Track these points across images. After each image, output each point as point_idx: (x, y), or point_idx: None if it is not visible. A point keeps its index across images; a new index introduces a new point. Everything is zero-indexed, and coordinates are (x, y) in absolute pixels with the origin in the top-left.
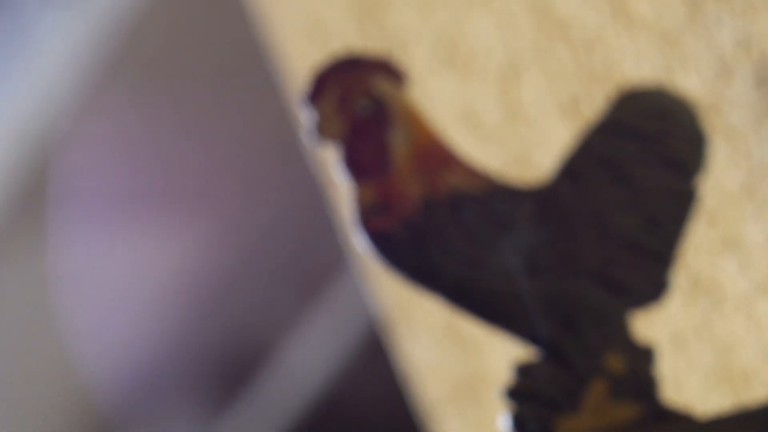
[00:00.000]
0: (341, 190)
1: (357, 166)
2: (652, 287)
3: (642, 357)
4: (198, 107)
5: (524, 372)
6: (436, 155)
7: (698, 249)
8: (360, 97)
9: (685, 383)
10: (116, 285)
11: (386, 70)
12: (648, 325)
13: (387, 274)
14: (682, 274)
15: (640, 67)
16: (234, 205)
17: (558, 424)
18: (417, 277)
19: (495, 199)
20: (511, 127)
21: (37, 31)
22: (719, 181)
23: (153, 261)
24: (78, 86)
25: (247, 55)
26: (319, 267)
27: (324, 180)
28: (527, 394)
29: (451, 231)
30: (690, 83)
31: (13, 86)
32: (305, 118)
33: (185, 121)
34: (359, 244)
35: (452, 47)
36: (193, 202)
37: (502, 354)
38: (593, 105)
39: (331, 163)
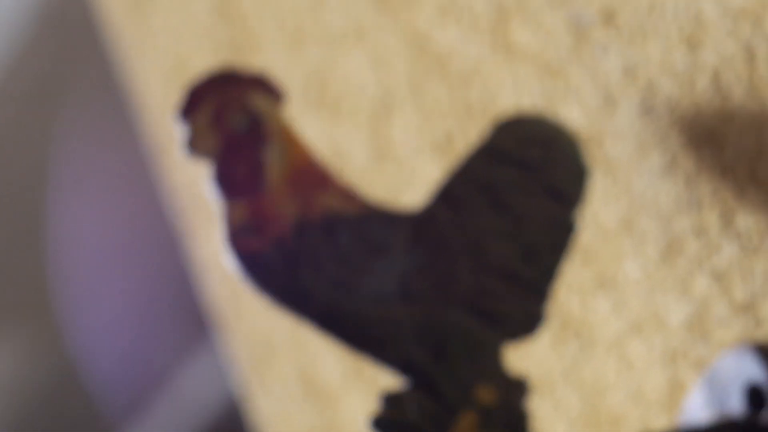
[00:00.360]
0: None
1: (230, 183)
2: (526, 319)
3: (514, 389)
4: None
5: (392, 401)
6: (311, 175)
7: (570, 288)
8: (235, 112)
9: (552, 428)
10: None
11: (263, 86)
12: (516, 365)
13: (238, 331)
14: (553, 314)
15: (519, 99)
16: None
17: None
18: (287, 300)
19: (370, 222)
20: (380, 167)
21: None
22: (597, 216)
23: None
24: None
25: (108, 99)
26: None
27: (182, 230)
28: (394, 424)
29: (324, 253)
30: (573, 114)
31: None
32: (179, 132)
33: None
34: (229, 264)
35: (322, 86)
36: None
37: (357, 406)
38: (467, 141)
39: (204, 181)
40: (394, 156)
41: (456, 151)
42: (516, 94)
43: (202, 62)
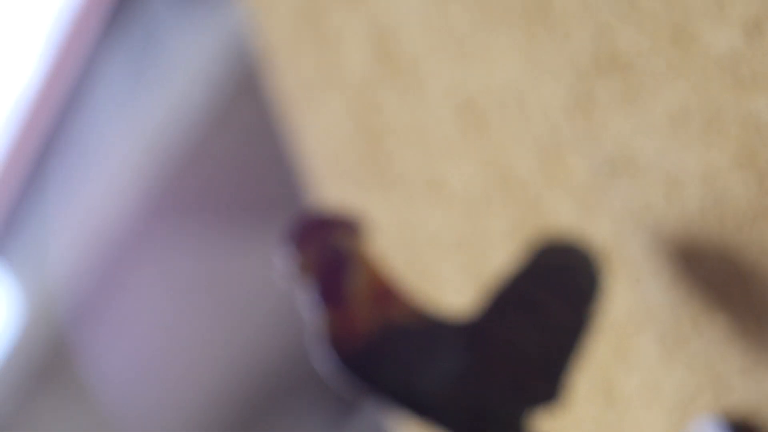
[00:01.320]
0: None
1: (324, 298)
2: (550, 394)
3: None
4: None
5: None
6: (385, 293)
7: (600, 365)
8: (330, 248)
9: None
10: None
11: (351, 226)
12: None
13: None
14: (585, 381)
15: (561, 218)
16: None
17: None
18: (368, 388)
19: (430, 332)
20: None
21: (170, 46)
22: (617, 311)
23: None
24: (208, 101)
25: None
26: None
27: None
28: None
29: (395, 356)
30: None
31: (145, 100)
32: (288, 261)
33: None
34: (323, 360)
35: (438, 184)
36: None
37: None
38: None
39: (305, 296)
40: (487, 242)
41: None
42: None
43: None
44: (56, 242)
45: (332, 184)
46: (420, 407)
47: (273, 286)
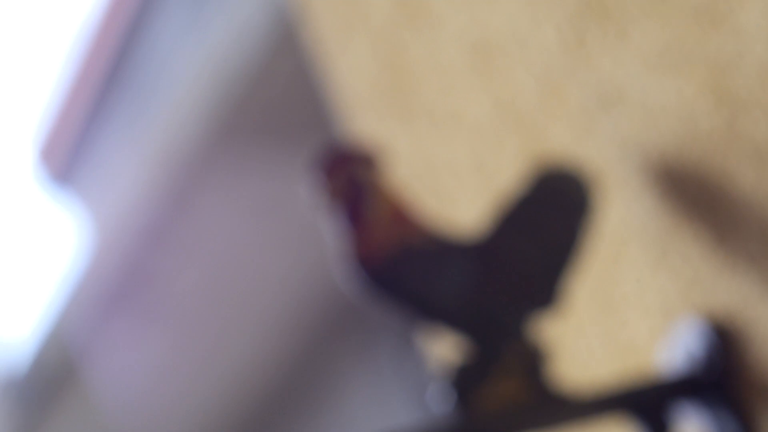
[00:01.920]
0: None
1: (349, 222)
2: (549, 296)
3: (538, 348)
4: None
5: (454, 364)
6: (403, 218)
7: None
8: (355, 177)
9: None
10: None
11: (369, 159)
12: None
13: None
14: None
15: (560, 144)
16: None
17: (473, 399)
18: (388, 298)
19: (443, 252)
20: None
21: None
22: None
23: None
24: (272, 25)
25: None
26: None
27: None
28: (454, 378)
29: (414, 272)
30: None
31: (210, 21)
32: (317, 188)
33: None
34: (347, 277)
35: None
36: None
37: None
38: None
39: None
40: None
41: None
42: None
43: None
44: (123, 169)
45: (361, 117)
46: (436, 316)
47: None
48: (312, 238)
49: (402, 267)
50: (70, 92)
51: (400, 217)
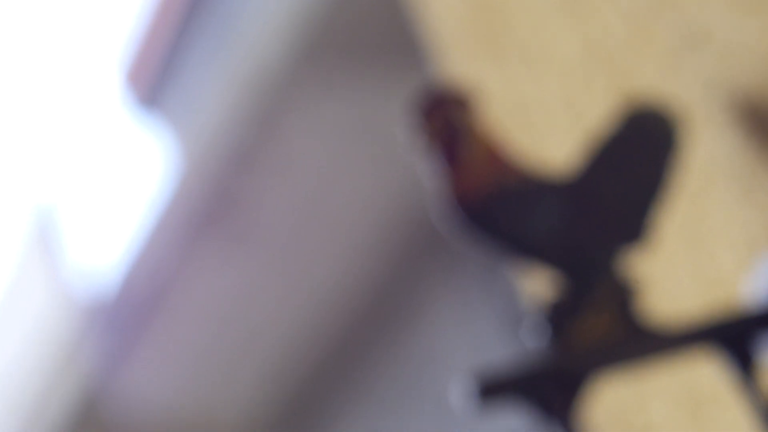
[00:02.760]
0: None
1: (446, 163)
2: (638, 231)
3: (628, 282)
4: None
5: (549, 299)
6: (498, 159)
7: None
8: (452, 120)
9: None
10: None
11: (465, 102)
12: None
13: None
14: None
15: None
16: None
17: (566, 333)
18: (486, 237)
19: (535, 192)
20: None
21: None
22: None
23: None
24: None
25: None
26: None
27: None
28: (549, 313)
29: (507, 211)
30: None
31: None
32: (415, 128)
33: None
34: (446, 218)
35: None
36: None
37: None
38: None
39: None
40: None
41: None
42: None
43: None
44: (210, 91)
45: (452, 55)
46: (530, 253)
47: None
48: (399, 161)
49: (498, 206)
50: (156, 14)
51: (495, 158)
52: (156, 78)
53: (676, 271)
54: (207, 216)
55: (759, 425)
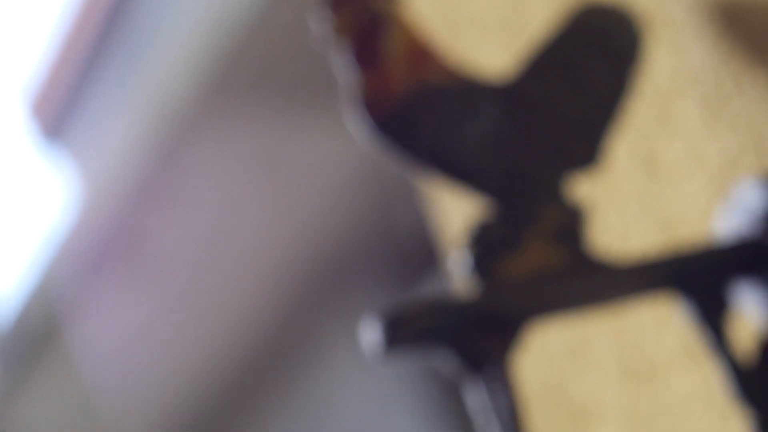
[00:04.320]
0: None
1: (360, 60)
2: (588, 154)
3: (575, 211)
4: None
5: (477, 227)
6: (421, 55)
7: (638, 129)
8: (366, 8)
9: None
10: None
11: None
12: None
13: None
14: (626, 150)
15: None
16: None
17: (502, 266)
18: (402, 150)
19: (466, 92)
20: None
21: None
22: (659, 76)
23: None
24: None
25: None
26: None
27: None
28: (478, 241)
29: (430, 116)
30: None
31: None
32: (322, 22)
33: None
34: (356, 122)
35: None
36: None
37: None
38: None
39: (340, 59)
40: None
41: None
42: None
43: None
44: (115, 124)
45: None
46: (456, 168)
47: (331, 167)
48: (305, 197)
49: (420, 109)
50: (63, 45)
51: (419, 53)
52: (61, 109)
53: (631, 203)
54: (107, 250)
55: (729, 389)
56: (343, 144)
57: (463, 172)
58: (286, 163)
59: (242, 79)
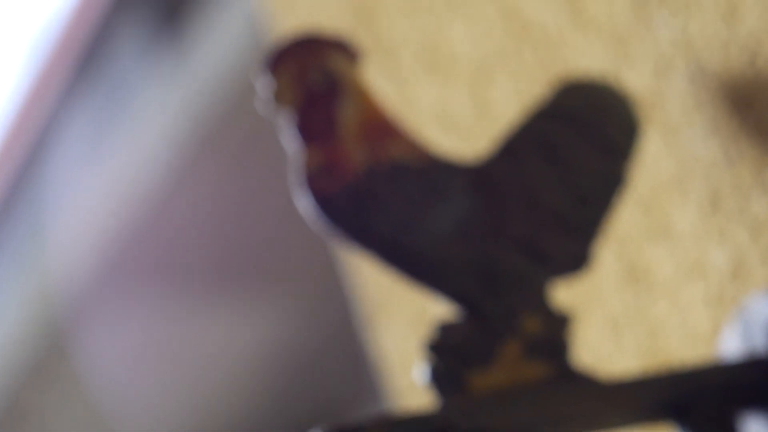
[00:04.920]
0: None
1: (306, 132)
2: (573, 258)
3: (557, 320)
4: (284, 188)
5: (444, 329)
6: (381, 128)
7: (630, 236)
8: (315, 71)
9: (614, 363)
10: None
11: (342, 48)
12: (583, 307)
13: (366, 265)
14: (618, 262)
15: (592, 64)
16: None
17: (471, 379)
18: (355, 238)
19: (432, 171)
20: (481, 125)
21: (135, 105)
22: (654, 171)
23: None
24: (171, 160)
25: None
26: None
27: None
28: (445, 349)
29: (389, 197)
30: (633, 79)
31: (109, 156)
32: (263, 86)
33: (273, 198)
34: (303, 205)
35: (433, 52)
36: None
37: None
38: None
39: (284, 130)
40: (493, 115)
41: None
42: (589, 60)
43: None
44: (7, 306)
45: None
46: (416, 261)
47: (232, 353)
48: (198, 385)
49: (375, 188)
50: None
51: (377, 125)
52: None
53: (616, 315)
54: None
55: None
56: (252, 325)
57: (426, 265)
58: (181, 349)
59: (143, 261)
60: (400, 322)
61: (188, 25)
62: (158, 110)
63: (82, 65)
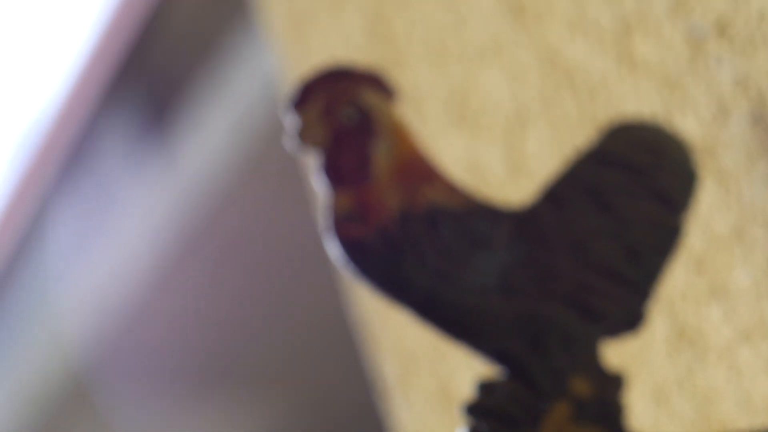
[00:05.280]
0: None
1: (336, 173)
2: (626, 317)
3: (609, 383)
4: (271, 286)
5: (486, 389)
6: (417, 169)
7: (684, 296)
8: (346, 106)
9: None
10: None
11: (375, 83)
12: (631, 376)
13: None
14: (668, 323)
15: (641, 109)
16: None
17: None
18: (387, 288)
19: (473, 216)
20: (515, 180)
21: (120, 204)
22: (709, 224)
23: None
24: (155, 260)
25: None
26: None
27: None
28: (487, 411)
29: (426, 244)
30: (688, 124)
31: (93, 255)
32: (289, 123)
33: (258, 299)
34: (332, 251)
35: (462, 101)
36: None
37: None
38: None
39: (312, 171)
40: (528, 169)
41: None
42: (638, 105)
43: None
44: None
45: None
46: (454, 315)
47: None
48: None
49: (415, 234)
50: None
51: (417, 166)
52: None
53: (668, 382)
54: None
55: None
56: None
57: (465, 320)
58: None
59: (126, 365)
60: (422, 398)
61: (175, 125)
62: (143, 210)
63: (68, 164)
